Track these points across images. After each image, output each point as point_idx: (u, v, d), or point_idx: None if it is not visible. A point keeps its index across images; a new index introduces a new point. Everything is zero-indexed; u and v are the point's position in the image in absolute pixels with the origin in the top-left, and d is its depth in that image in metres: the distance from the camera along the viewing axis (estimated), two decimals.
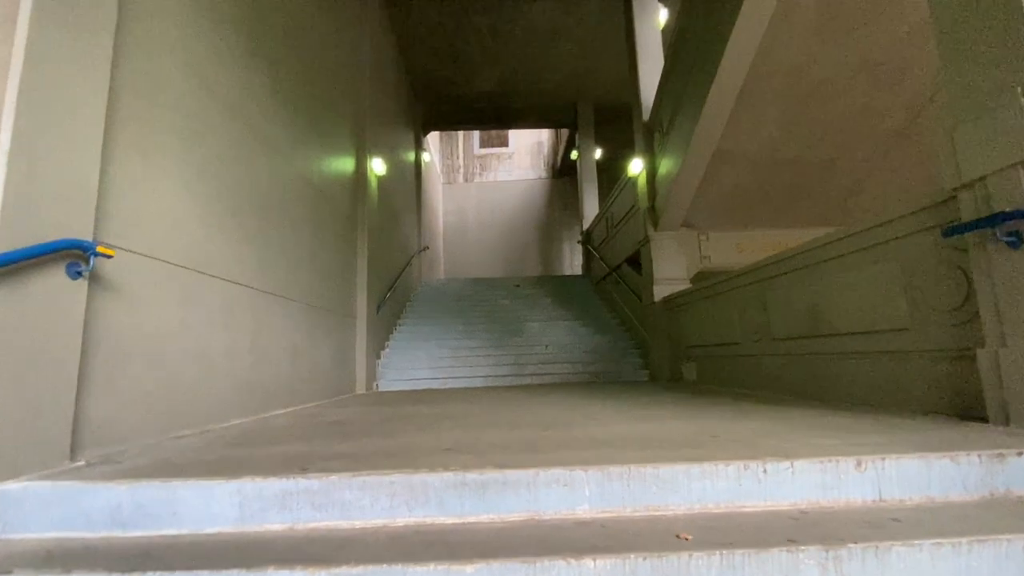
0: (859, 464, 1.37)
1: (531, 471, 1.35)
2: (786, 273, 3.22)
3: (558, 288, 8.95)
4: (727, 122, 4.45)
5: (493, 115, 10.25)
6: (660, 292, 5.47)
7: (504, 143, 14.38)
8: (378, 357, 6.08)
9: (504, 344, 6.57)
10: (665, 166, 5.33)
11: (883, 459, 1.38)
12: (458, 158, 14.38)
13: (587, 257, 9.71)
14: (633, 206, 6.52)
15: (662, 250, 5.56)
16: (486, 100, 9.99)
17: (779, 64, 4.11)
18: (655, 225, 5.59)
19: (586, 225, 9.74)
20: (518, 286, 9.18)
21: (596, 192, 9.93)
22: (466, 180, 14.25)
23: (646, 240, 5.68)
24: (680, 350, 5.08)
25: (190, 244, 2.50)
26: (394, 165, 7.68)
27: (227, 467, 1.51)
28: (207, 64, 2.70)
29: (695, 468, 1.36)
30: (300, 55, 4.04)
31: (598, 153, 10.09)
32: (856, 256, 2.57)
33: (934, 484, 1.38)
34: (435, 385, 5.59)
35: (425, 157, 10.12)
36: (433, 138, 12.83)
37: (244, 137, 3.10)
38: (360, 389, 5.22)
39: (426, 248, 9.80)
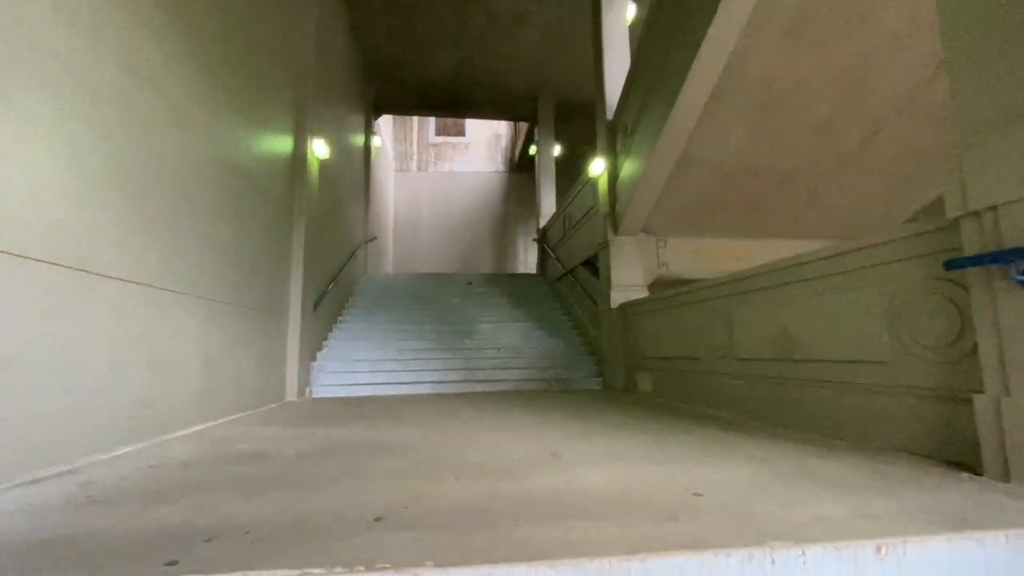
0: (879, 550, 1.14)
1: (482, 570, 1.03)
2: (755, 291, 3.06)
3: (512, 287, 8.66)
4: (694, 127, 4.28)
5: (450, 102, 9.77)
6: (617, 298, 5.29)
7: (461, 132, 13.89)
8: (314, 359, 5.56)
9: (454, 346, 6.20)
10: (628, 168, 5.13)
11: (905, 542, 1.15)
12: (411, 144, 13.75)
13: (542, 256, 9.48)
14: (592, 207, 6.31)
15: (621, 255, 5.37)
16: (443, 85, 9.50)
17: (750, 71, 3.97)
18: (615, 229, 5.39)
19: (543, 223, 9.49)
20: (470, 283, 8.81)
21: (554, 190, 9.70)
22: (419, 169, 13.65)
23: (605, 244, 5.48)
24: (635, 359, 4.92)
25: (61, 234, 1.98)
26: (340, 148, 7.09)
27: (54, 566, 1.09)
28: (100, 18, 2.15)
29: (692, 560, 1.08)
30: (226, 16, 3.47)
31: (557, 150, 9.85)
32: (835, 279, 2.41)
33: (957, 569, 1.18)
34: (377, 391, 5.15)
35: (376, 141, 9.51)
36: (386, 122, 12.17)
37: (150, 108, 2.56)
38: (291, 396, 4.71)
39: (373, 239, 9.23)
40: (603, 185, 5.64)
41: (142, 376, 2.50)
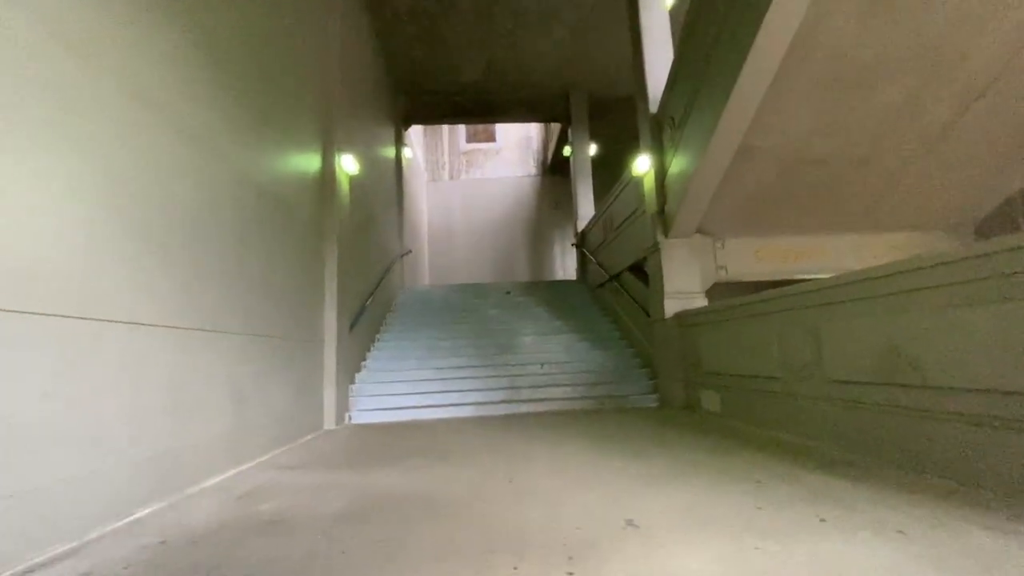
0: None
1: None
2: (852, 301, 2.58)
3: (551, 295, 8.29)
4: (755, 114, 3.81)
5: (480, 107, 9.52)
6: (672, 307, 4.83)
7: (491, 138, 13.65)
8: (352, 381, 5.36)
9: (496, 362, 5.89)
10: (678, 164, 4.68)
11: None
12: (443, 154, 13.61)
13: (582, 261, 9.07)
14: (637, 208, 5.86)
15: (674, 260, 4.92)
16: (472, 90, 9.26)
17: (821, 46, 3.47)
18: (665, 231, 4.95)
19: (581, 226, 9.08)
20: (508, 293, 8.50)
21: (591, 191, 9.28)
22: (451, 177, 13.49)
23: (655, 248, 5.03)
24: (697, 375, 4.45)
25: (60, 281, 1.77)
26: (371, 163, 6.93)
27: None
28: (96, 30, 1.95)
29: None
30: (246, 33, 3.28)
31: (593, 148, 9.43)
32: (974, 288, 1.93)
33: None
34: (418, 415, 4.88)
35: (407, 153, 9.36)
36: (416, 133, 12.06)
37: (161, 131, 2.36)
38: (329, 424, 4.50)
39: (409, 252, 9.07)
40: (649, 184, 5.20)
41: (163, 425, 2.28)
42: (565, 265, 12.83)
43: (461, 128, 13.76)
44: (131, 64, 2.18)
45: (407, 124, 9.44)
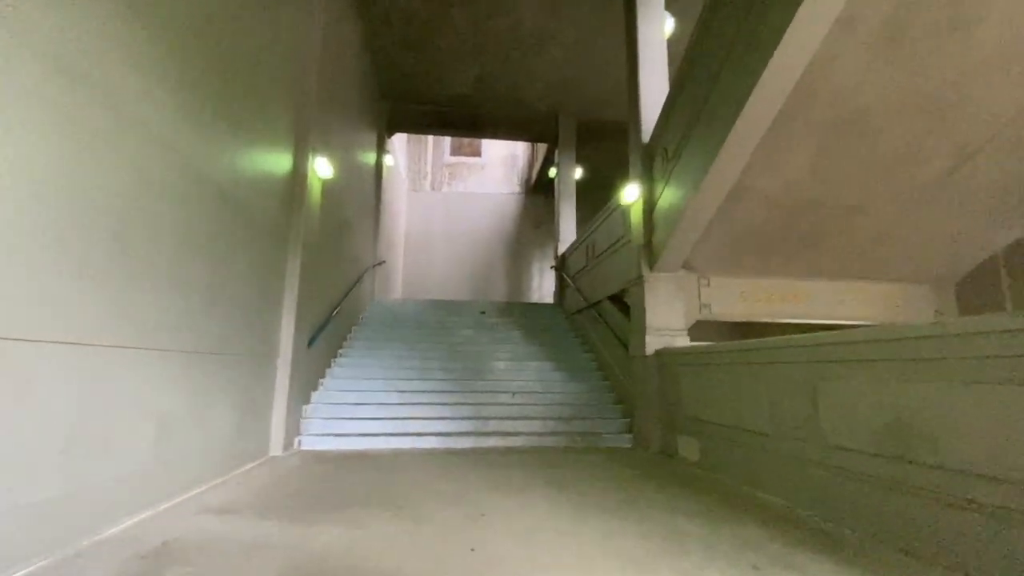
0: None
1: None
2: (859, 361, 2.39)
3: (528, 318, 8.02)
4: (752, 153, 3.67)
5: (466, 121, 9.30)
6: (653, 343, 4.62)
7: (477, 153, 13.45)
8: (307, 401, 4.94)
9: (464, 388, 5.55)
10: (668, 197, 4.52)
11: None
12: (426, 164, 13.32)
13: (561, 284, 8.85)
14: (622, 237, 5.69)
15: (658, 294, 4.72)
16: (460, 104, 9.05)
17: (825, 88, 3.36)
18: (651, 264, 4.76)
19: (562, 249, 8.89)
20: (484, 313, 8.20)
21: (574, 215, 9.12)
22: (433, 188, 13.20)
23: (638, 280, 4.84)
24: (676, 418, 4.23)
25: None
26: (348, 167, 6.59)
27: None
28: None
29: None
30: (209, 15, 2.96)
31: (578, 173, 9.31)
32: (1003, 364, 1.74)
33: None
34: (376, 444, 4.49)
35: (388, 160, 9.04)
36: (400, 141, 11.76)
37: (91, 112, 2.01)
38: (276, 450, 4.07)
39: (382, 262, 8.68)
40: (637, 214, 5.02)
41: (55, 468, 1.89)
42: (542, 287, 12.62)
43: (446, 140, 13.53)
44: (49, 24, 1.84)
45: (390, 131, 9.14)
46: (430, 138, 13.46)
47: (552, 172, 9.57)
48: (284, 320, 4.26)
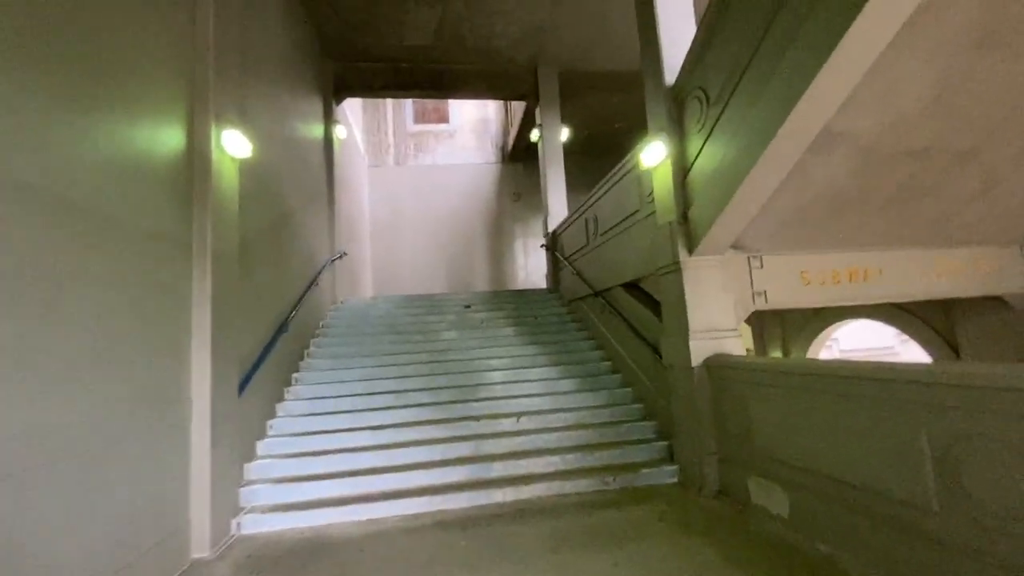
0: None
1: None
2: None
3: (520, 310, 6.86)
4: (856, 86, 2.50)
5: (429, 79, 7.84)
6: (700, 350, 3.53)
7: (444, 119, 11.94)
8: (251, 457, 3.75)
9: (455, 414, 4.42)
10: (712, 157, 3.34)
11: None
12: (387, 135, 11.77)
13: (554, 266, 7.69)
14: (637, 210, 4.52)
15: (702, 285, 3.61)
16: (420, 58, 7.57)
17: None
18: (690, 246, 3.62)
19: (552, 225, 7.68)
20: (468, 307, 7.00)
21: (563, 184, 7.87)
22: (397, 163, 11.69)
23: (673, 267, 3.70)
24: (744, 453, 3.18)
25: None
26: (284, 144, 5.20)
27: None
28: None
29: None
30: None
31: (565, 134, 8.01)
32: None
33: None
34: (340, 518, 3.32)
35: (339, 132, 7.57)
36: (354, 109, 10.19)
37: None
38: (200, 547, 2.89)
39: (343, 255, 7.34)
40: (663, 180, 3.85)
41: None
42: (528, 268, 11.42)
43: (408, 106, 11.95)
44: None
45: (339, 97, 7.64)
46: (389, 106, 11.86)
47: (534, 135, 8.25)
48: (194, 359, 3.01)
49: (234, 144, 3.39)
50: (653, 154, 3.90)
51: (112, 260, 2.35)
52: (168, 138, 2.90)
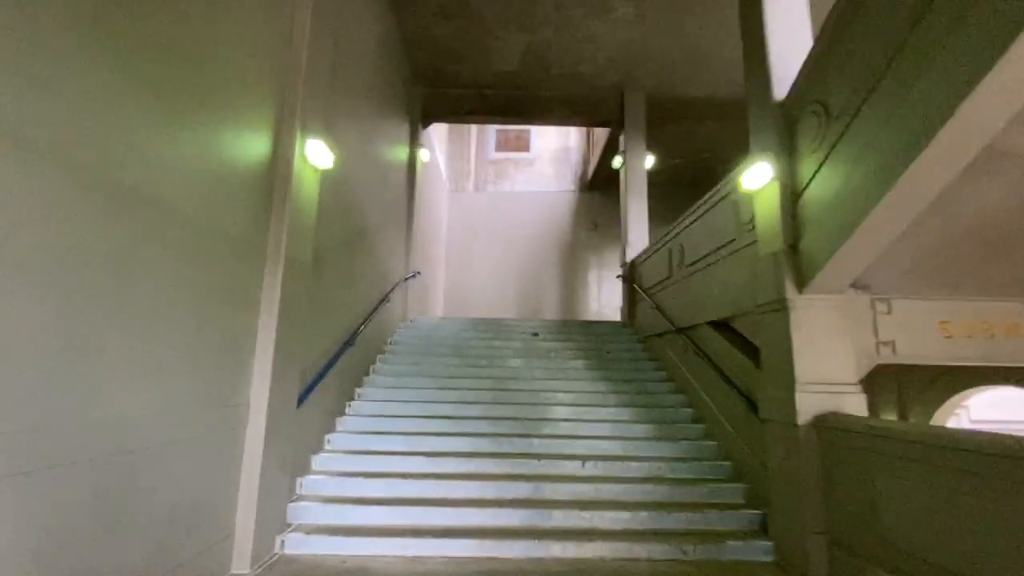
0: None
1: None
2: None
3: (590, 342, 6.46)
4: None
5: (513, 105, 7.86)
6: (808, 405, 2.96)
7: (525, 147, 12.01)
8: (306, 471, 3.65)
9: (515, 448, 4.10)
10: (832, 179, 2.86)
11: None
12: (468, 162, 12.02)
13: (631, 298, 7.22)
14: (735, 239, 4.05)
15: (813, 328, 3.06)
16: (505, 83, 7.62)
17: None
18: (800, 282, 3.10)
19: (631, 255, 7.26)
20: (536, 335, 6.71)
21: (646, 212, 7.46)
22: (476, 189, 11.86)
23: (778, 305, 3.19)
24: (865, 537, 2.56)
25: None
26: (368, 162, 5.32)
27: None
28: None
29: None
30: None
31: (649, 161, 7.64)
32: None
33: None
34: (384, 551, 3.08)
35: (423, 156, 7.75)
36: (440, 137, 10.52)
37: None
38: (242, 562, 2.76)
39: (416, 275, 7.38)
40: (769, 206, 3.38)
41: None
42: (601, 299, 10.96)
43: (491, 135, 12.18)
44: None
45: (426, 122, 7.85)
46: (473, 133, 12.16)
47: (616, 162, 7.96)
48: (256, 365, 2.95)
49: (317, 154, 3.42)
50: (757, 176, 3.46)
51: (186, 259, 2.33)
52: (254, 145, 2.94)
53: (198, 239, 2.42)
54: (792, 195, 3.26)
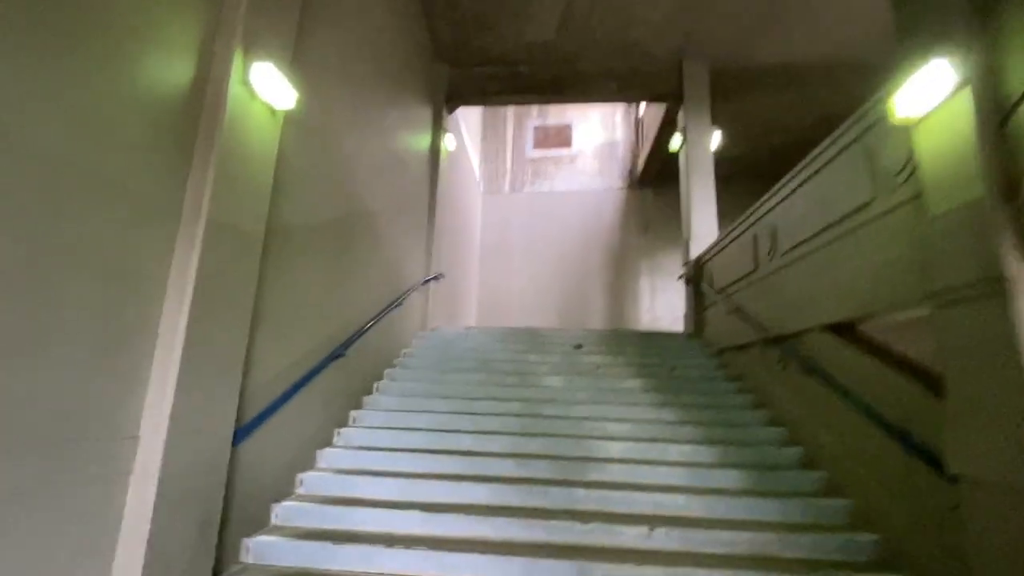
0: None
1: None
2: None
3: (648, 358, 5.18)
4: None
5: (551, 81, 6.83)
6: None
7: (566, 143, 10.95)
8: (252, 531, 2.61)
9: (550, 503, 2.91)
10: None
11: None
12: (504, 161, 11.08)
13: (697, 303, 5.91)
14: (869, 201, 2.77)
15: None
16: (541, 56, 6.61)
17: None
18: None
19: (696, 251, 5.97)
20: (580, 347, 5.52)
21: (714, 199, 6.18)
22: (512, 190, 10.88)
23: (986, 290, 1.90)
24: None
25: None
26: (371, 135, 4.39)
27: None
28: None
29: None
30: None
31: (716, 139, 6.38)
32: None
33: None
34: None
35: (448, 143, 6.82)
36: (473, 136, 9.65)
37: None
38: None
39: (438, 277, 6.38)
40: (950, 131, 2.12)
41: None
42: (655, 308, 9.60)
43: (528, 132, 11.21)
44: None
45: (451, 105, 6.94)
46: (509, 131, 11.24)
47: (675, 142, 6.73)
48: (154, 378, 1.95)
49: (269, 84, 2.46)
50: (926, 87, 2.20)
51: (45, 215, 1.37)
52: (172, 67, 2.01)
53: (67, 190, 1.47)
54: (996, 111, 2.00)
